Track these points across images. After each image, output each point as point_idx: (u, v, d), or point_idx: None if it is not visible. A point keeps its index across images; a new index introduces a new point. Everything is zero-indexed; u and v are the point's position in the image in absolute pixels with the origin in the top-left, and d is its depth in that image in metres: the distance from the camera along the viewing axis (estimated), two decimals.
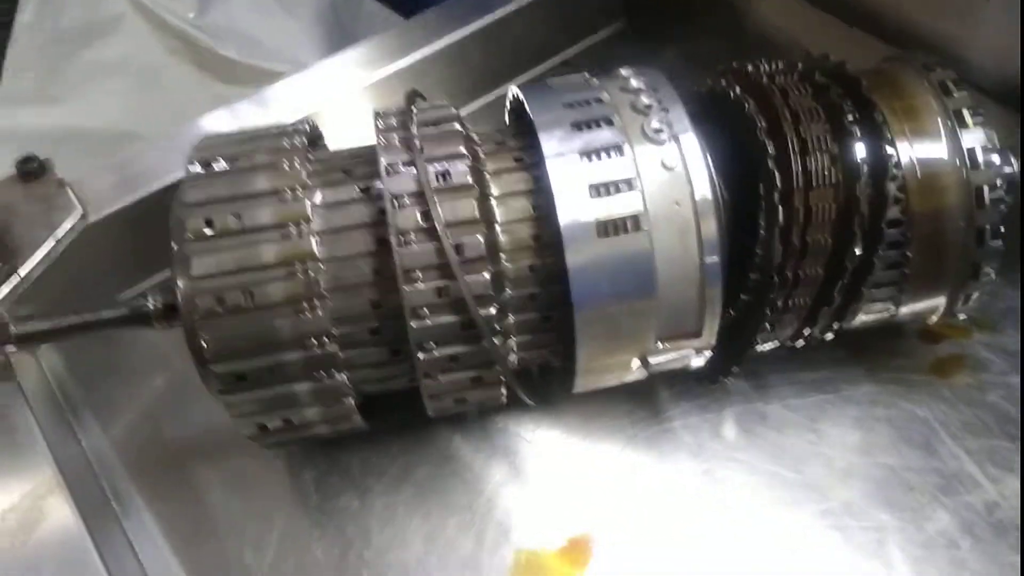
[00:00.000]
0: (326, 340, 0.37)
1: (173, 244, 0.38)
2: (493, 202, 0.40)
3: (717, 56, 0.69)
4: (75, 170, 0.54)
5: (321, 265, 0.37)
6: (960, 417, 0.48)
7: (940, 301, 0.44)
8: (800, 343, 0.45)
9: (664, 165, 0.39)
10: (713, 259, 0.39)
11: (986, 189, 0.40)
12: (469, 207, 0.38)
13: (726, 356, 0.44)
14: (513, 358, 0.42)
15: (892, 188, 0.40)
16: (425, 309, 0.37)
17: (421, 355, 0.38)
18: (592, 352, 0.40)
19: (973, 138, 0.41)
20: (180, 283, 0.37)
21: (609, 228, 0.38)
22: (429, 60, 0.65)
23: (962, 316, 0.46)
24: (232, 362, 0.37)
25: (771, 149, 0.39)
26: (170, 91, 1.01)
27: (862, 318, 0.45)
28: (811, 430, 0.48)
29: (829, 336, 0.45)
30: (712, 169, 0.41)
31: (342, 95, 0.62)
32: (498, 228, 0.39)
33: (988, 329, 0.51)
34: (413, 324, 0.37)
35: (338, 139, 0.46)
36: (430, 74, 0.65)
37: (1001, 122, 0.48)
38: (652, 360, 0.42)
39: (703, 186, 0.39)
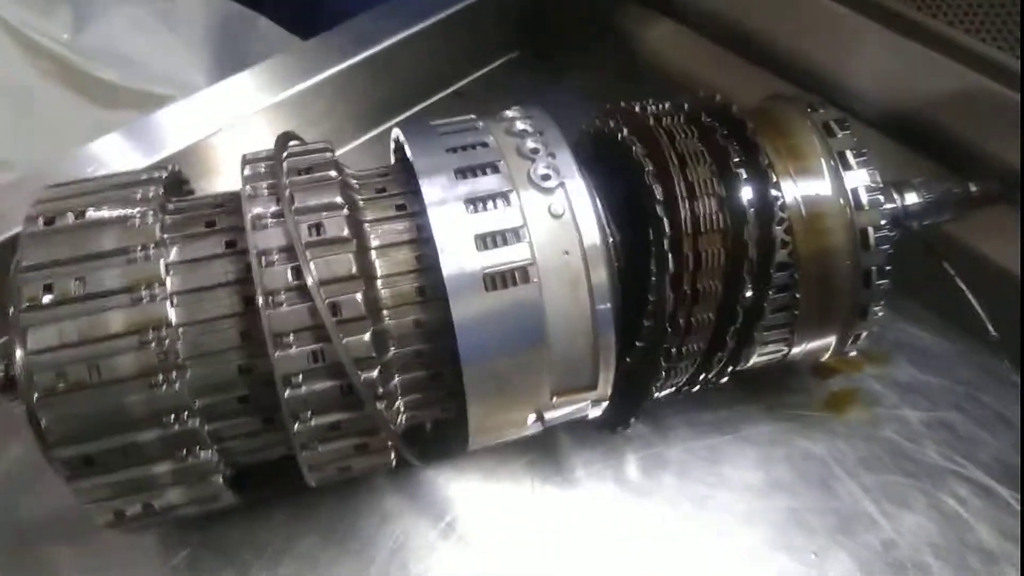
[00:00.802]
0: (185, 415, 0.34)
1: (10, 310, 0.34)
2: (373, 254, 0.37)
3: (612, 85, 0.69)
4: None
5: (179, 331, 0.34)
6: (855, 453, 0.48)
7: (830, 341, 0.44)
8: (696, 388, 0.44)
9: (552, 213, 0.37)
10: (604, 307, 0.38)
11: (871, 230, 0.41)
12: (345, 262, 0.35)
13: (624, 405, 0.43)
14: (400, 419, 0.39)
15: (779, 231, 0.40)
16: (299, 376, 0.34)
17: (297, 425, 0.35)
18: (484, 409, 0.38)
19: (856, 178, 0.41)
20: (17, 356, 0.33)
21: (497, 280, 0.36)
22: (326, 83, 0.62)
23: (853, 353, 0.46)
24: (78, 445, 0.33)
25: (659, 194, 0.38)
26: (45, 117, 0.94)
27: (755, 360, 0.45)
28: (712, 473, 0.48)
29: (724, 380, 0.44)
30: (602, 213, 0.39)
31: (239, 118, 0.58)
32: (379, 283, 0.37)
33: (879, 362, 0.52)
34: (286, 393, 0.34)
35: (232, 169, 0.43)
36: (327, 98, 0.63)
37: (881, 150, 0.48)
38: (548, 415, 0.40)
39: (592, 233, 0.37)
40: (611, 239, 0.40)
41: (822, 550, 0.44)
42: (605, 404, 0.41)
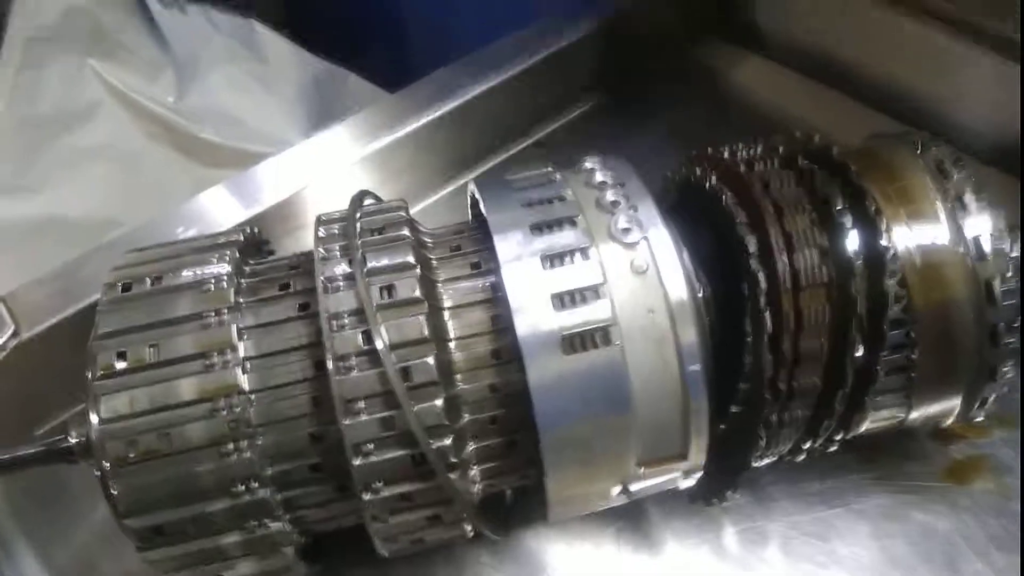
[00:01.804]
0: (256, 484, 0.33)
1: (87, 375, 0.34)
2: (446, 315, 0.36)
3: (699, 128, 0.66)
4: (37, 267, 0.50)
5: (251, 397, 0.33)
6: (984, 530, 0.43)
7: (954, 404, 0.39)
8: (801, 457, 0.40)
9: (634, 269, 0.35)
10: (695, 368, 0.35)
11: (996, 282, 0.36)
12: (417, 325, 0.34)
13: (720, 475, 0.39)
14: (476, 488, 0.37)
15: (892, 284, 0.36)
16: (370, 444, 0.33)
17: (367, 495, 0.34)
18: (564, 480, 0.36)
19: (977, 224, 0.37)
20: (91, 423, 0.33)
21: (576, 342, 0.34)
22: (409, 137, 0.63)
23: (980, 417, 0.41)
24: (148, 515, 0.32)
25: (752, 246, 0.35)
26: (152, 177, 0.99)
27: (868, 427, 0.40)
28: (821, 550, 0.43)
29: (833, 448, 0.40)
30: (690, 267, 0.37)
31: (328, 173, 0.59)
32: (452, 345, 0.35)
33: (1010, 426, 0.46)
34: (356, 462, 0.33)
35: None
36: (410, 151, 0.63)
37: (1001, 190, 0.44)
38: (634, 487, 0.37)
39: (679, 288, 0.35)
40: (700, 294, 0.37)
41: None
42: (698, 475, 0.38)
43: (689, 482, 0.38)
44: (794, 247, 0.36)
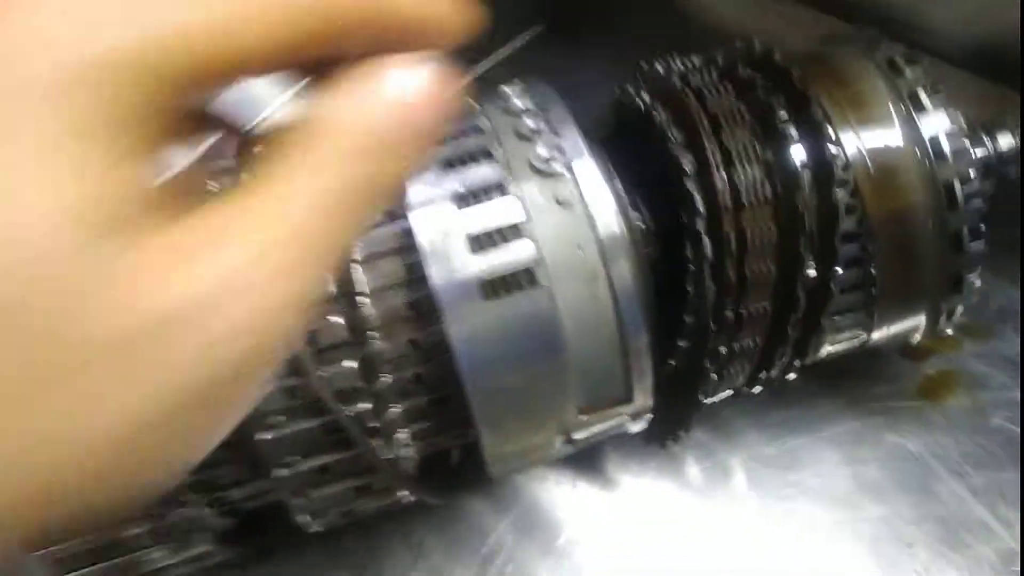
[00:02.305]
0: None
1: None
2: (358, 268, 0.32)
3: (653, 54, 0.62)
4: None
5: None
6: (959, 448, 0.40)
7: (919, 320, 0.37)
8: (758, 389, 0.37)
9: (559, 202, 0.31)
10: (630, 305, 0.32)
11: (957, 184, 0.33)
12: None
13: (672, 415, 0.36)
14: (409, 452, 0.34)
15: (842, 195, 0.33)
16: (278, 416, 0.30)
17: (281, 471, 0.31)
18: (500, 435, 0.33)
19: (934, 123, 0.33)
20: None
21: (498, 286, 0.31)
22: None
23: (949, 330, 0.38)
24: None
25: (688, 165, 0.32)
26: None
27: (828, 349, 0.38)
28: (788, 482, 0.41)
29: (791, 376, 0.37)
30: (624, 197, 0.33)
31: None
32: (365, 300, 0.32)
33: (981, 336, 0.44)
34: (263, 436, 0.30)
35: None
36: None
37: (975, 94, 0.41)
38: (578, 435, 0.34)
39: (609, 220, 0.31)
40: (641, 226, 0.34)
41: (926, 568, 0.37)
42: (648, 416, 0.35)
43: (639, 425, 0.36)
44: (733, 163, 0.32)
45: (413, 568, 0.41)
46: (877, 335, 0.37)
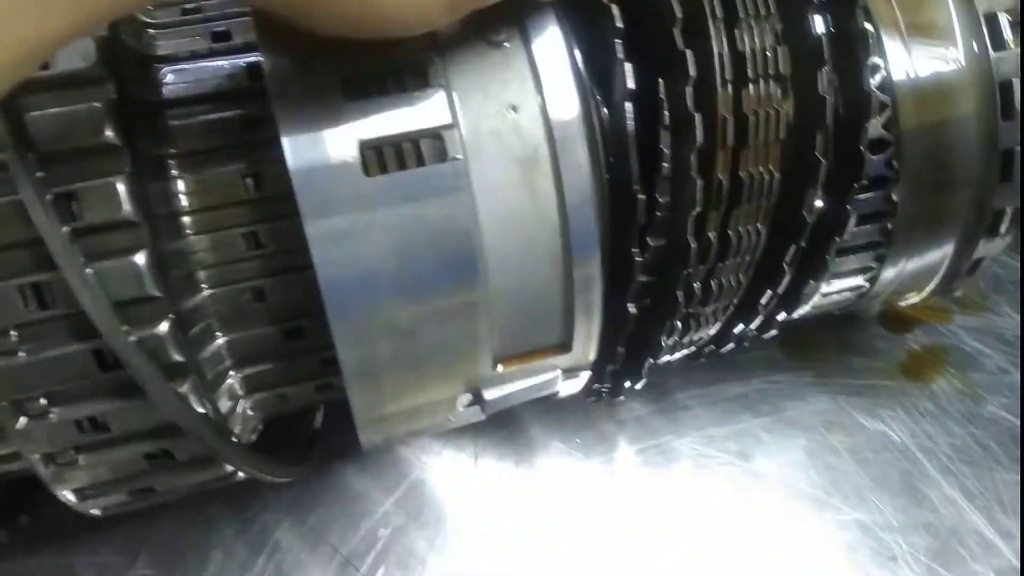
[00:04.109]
0: None
1: None
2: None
3: None
4: None
5: None
6: (951, 440, 0.33)
7: (938, 270, 0.28)
8: (728, 347, 0.28)
9: (486, 39, 0.21)
10: (583, 212, 0.22)
11: (1016, 84, 0.25)
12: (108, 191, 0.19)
13: (616, 361, 0.27)
14: (242, 407, 0.23)
15: (873, 88, 0.24)
16: (17, 335, 0.18)
17: (25, 422, 0.19)
18: (375, 390, 0.22)
19: (993, 1, 0.25)
20: None
21: (388, 156, 0.20)
22: None
23: (958, 291, 0.30)
24: None
25: (678, 10, 0.22)
26: None
27: (816, 301, 0.29)
28: (743, 473, 0.32)
29: (772, 333, 0.29)
30: (577, 54, 0.23)
31: None
32: (172, 159, 0.21)
33: (973, 308, 0.36)
34: None
35: None
36: None
37: None
38: (491, 394, 0.24)
39: (560, 76, 0.21)
40: (602, 112, 0.24)
41: None
42: (585, 374, 0.26)
43: (573, 386, 0.26)
44: (738, 19, 0.23)
45: (251, 566, 0.30)
46: (880, 286, 0.29)
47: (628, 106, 0.22)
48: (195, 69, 0.22)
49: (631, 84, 0.22)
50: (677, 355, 0.27)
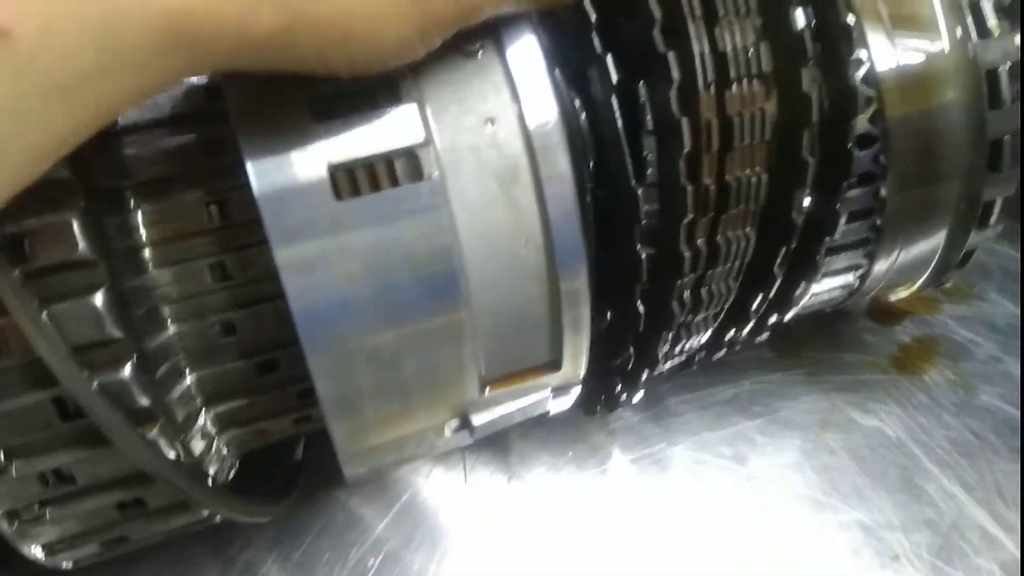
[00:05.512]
0: None
1: None
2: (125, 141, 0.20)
3: None
4: None
5: None
6: (947, 432, 0.32)
7: (927, 264, 0.28)
8: (720, 354, 0.28)
9: (460, 50, 0.20)
10: (567, 225, 0.21)
11: (1003, 72, 0.24)
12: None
13: (606, 381, 0.26)
14: (217, 445, 0.22)
15: (858, 79, 0.23)
16: None
17: None
18: (357, 423, 0.21)
19: None
20: None
21: (360, 178, 0.19)
22: None
23: (947, 283, 0.30)
24: None
25: (657, 10, 0.21)
26: None
27: (806, 302, 0.28)
28: (739, 478, 0.31)
29: (763, 337, 0.28)
30: (559, 79, 0.22)
31: None
32: (128, 185, 0.19)
33: (962, 297, 0.36)
34: None
35: None
36: None
37: None
38: (479, 419, 0.23)
39: (540, 90, 0.20)
40: (582, 118, 0.23)
41: None
42: (576, 390, 0.25)
43: (563, 403, 0.25)
44: (717, 17, 0.22)
45: None
46: (871, 282, 0.28)
47: (615, 102, 0.22)
48: None
49: (615, 78, 0.22)
50: (668, 365, 0.26)
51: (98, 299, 0.17)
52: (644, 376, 0.25)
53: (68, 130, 0.14)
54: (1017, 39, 0.25)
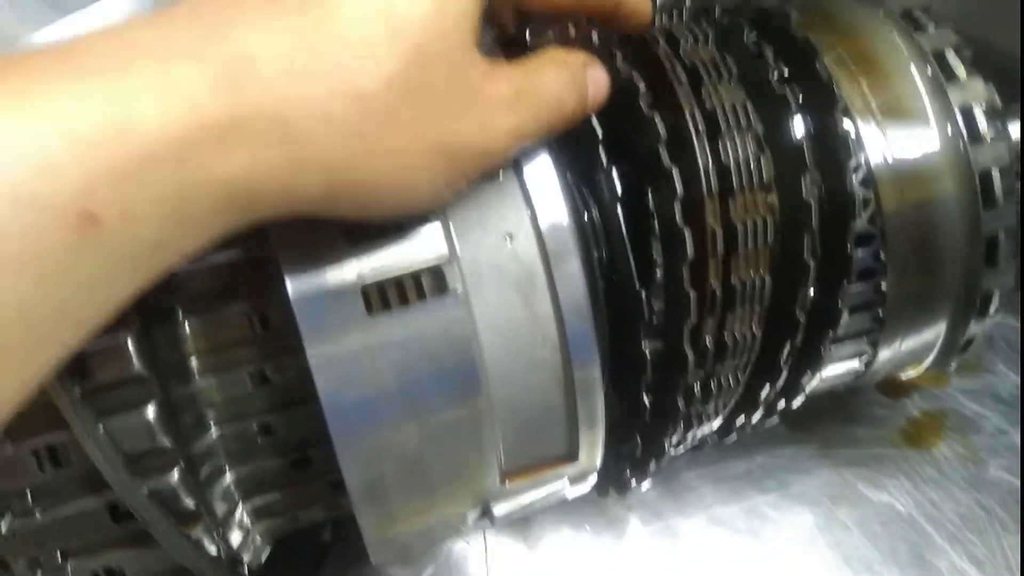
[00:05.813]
0: None
1: None
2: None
3: None
4: None
5: None
6: (956, 507, 0.33)
7: (930, 351, 0.29)
8: (731, 439, 0.29)
9: (484, 176, 0.21)
10: (580, 326, 0.22)
11: (995, 173, 0.25)
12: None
13: (619, 464, 0.27)
14: (253, 537, 0.23)
15: (856, 184, 0.25)
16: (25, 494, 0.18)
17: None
18: (384, 513, 0.23)
19: (968, 92, 0.26)
20: None
21: (389, 293, 0.20)
22: None
23: (952, 366, 0.31)
24: None
25: (662, 128, 0.23)
26: None
27: (814, 386, 0.29)
28: (754, 550, 0.32)
29: (773, 421, 0.29)
30: (572, 186, 0.24)
31: None
32: (178, 310, 0.21)
33: (969, 371, 0.37)
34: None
35: None
36: None
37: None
38: (500, 509, 0.24)
39: (551, 198, 0.22)
40: (587, 215, 0.24)
41: None
42: (592, 478, 0.26)
43: (580, 490, 0.26)
44: (720, 131, 0.23)
45: None
46: (877, 366, 0.29)
47: (620, 212, 0.23)
48: None
49: (619, 191, 0.23)
50: (681, 449, 0.28)
51: (150, 412, 0.19)
52: (652, 465, 0.26)
53: (134, 294, 0.15)
54: (1010, 144, 0.26)
